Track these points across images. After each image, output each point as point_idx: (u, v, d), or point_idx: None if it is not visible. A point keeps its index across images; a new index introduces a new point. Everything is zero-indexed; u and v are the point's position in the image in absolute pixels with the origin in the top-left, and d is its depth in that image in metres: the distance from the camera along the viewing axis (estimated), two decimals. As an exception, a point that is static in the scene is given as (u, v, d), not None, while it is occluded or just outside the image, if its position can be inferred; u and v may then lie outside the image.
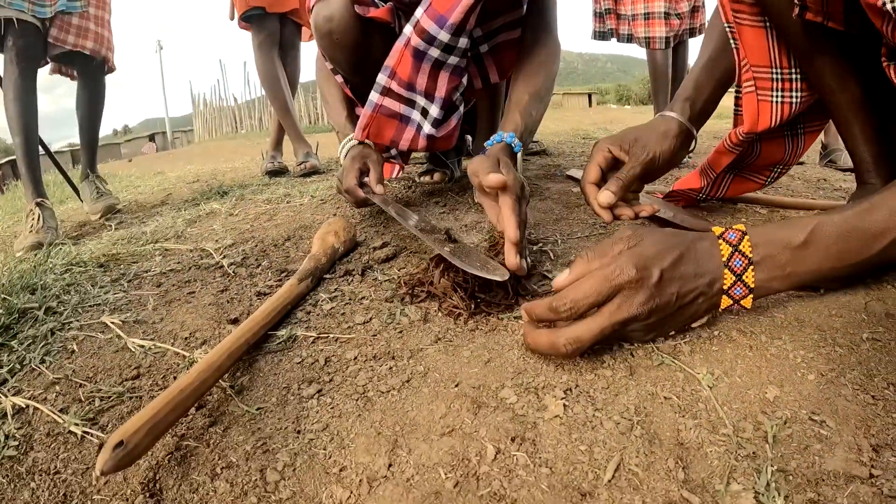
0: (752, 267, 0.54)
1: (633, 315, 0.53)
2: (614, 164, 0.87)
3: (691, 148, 0.91)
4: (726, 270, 0.55)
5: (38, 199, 1.61)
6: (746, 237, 0.55)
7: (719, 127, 3.10)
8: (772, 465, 0.43)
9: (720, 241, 0.55)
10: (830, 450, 0.44)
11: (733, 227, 0.56)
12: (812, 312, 0.65)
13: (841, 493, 0.40)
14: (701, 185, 1.05)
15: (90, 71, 1.94)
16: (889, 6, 0.52)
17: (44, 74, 1.92)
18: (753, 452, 0.45)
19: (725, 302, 0.57)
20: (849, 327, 0.62)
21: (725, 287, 0.55)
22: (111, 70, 2.02)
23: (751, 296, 0.56)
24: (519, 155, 0.96)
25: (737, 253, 0.54)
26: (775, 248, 0.54)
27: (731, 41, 0.87)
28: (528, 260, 0.77)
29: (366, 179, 1.14)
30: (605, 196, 0.81)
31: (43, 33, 1.72)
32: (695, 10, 2.15)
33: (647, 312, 0.54)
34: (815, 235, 0.53)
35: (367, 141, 1.21)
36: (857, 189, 0.89)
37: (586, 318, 0.55)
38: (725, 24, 0.86)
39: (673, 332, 0.61)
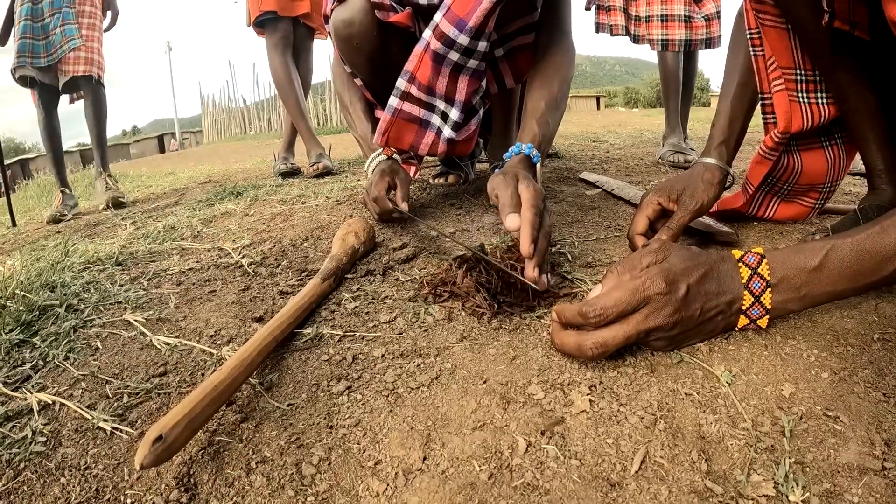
0: (770, 289, 0.56)
1: (659, 325, 0.55)
2: (662, 214, 0.89)
3: (728, 185, 0.94)
4: (746, 291, 0.57)
5: (61, 188, 2.45)
6: (765, 260, 0.57)
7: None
8: (790, 458, 0.45)
9: (740, 263, 0.58)
10: (845, 444, 0.46)
11: (752, 250, 0.59)
12: (824, 314, 0.67)
13: (856, 484, 0.42)
14: (743, 201, 1.03)
15: (90, 87, 2.50)
16: None
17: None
18: (772, 445, 0.47)
19: (742, 321, 0.59)
20: (860, 328, 0.64)
21: (744, 307, 0.58)
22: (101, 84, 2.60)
23: (767, 316, 0.58)
24: (539, 166, 0.95)
25: (756, 276, 0.57)
26: (792, 271, 0.56)
27: (751, 49, 0.88)
28: (549, 276, 0.78)
29: (391, 195, 1.14)
30: None
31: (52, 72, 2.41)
32: (708, 18, 2.07)
33: (672, 324, 0.56)
34: (830, 259, 0.54)
35: (395, 157, 1.22)
36: (868, 194, 0.91)
37: (613, 324, 0.57)
38: (747, 31, 0.87)
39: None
